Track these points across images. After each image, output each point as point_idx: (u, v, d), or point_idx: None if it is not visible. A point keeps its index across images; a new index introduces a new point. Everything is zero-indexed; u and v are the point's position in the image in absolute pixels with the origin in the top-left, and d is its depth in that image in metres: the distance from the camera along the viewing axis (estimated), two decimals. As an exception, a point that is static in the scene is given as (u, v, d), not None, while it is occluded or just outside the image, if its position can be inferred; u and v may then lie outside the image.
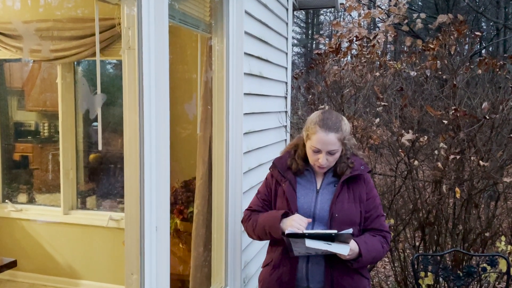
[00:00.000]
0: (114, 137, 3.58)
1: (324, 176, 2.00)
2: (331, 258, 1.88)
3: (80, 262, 3.56)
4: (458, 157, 3.29)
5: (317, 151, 1.90)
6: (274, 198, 2.04)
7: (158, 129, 1.72)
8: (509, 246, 3.26)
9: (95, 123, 3.60)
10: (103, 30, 3.18)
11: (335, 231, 1.79)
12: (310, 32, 22.36)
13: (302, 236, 1.78)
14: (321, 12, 20.91)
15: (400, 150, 3.53)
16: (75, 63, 3.60)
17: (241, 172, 2.68)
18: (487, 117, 3.28)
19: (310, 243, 1.77)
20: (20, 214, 3.66)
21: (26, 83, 3.76)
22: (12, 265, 3.06)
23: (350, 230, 1.80)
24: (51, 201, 3.74)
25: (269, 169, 2.11)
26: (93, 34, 3.13)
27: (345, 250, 1.78)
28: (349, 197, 1.94)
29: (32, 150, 3.82)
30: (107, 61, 3.71)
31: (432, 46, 3.71)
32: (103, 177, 3.72)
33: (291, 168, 2.01)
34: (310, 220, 1.89)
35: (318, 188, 1.98)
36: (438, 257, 2.83)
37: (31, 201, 3.79)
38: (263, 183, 2.14)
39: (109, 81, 3.81)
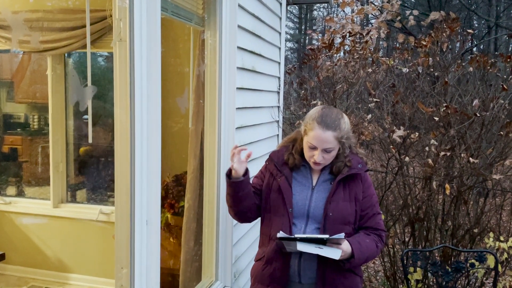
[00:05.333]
0: (104, 130, 3.55)
1: (320, 173, 1.98)
2: None
3: (69, 256, 3.54)
4: (448, 154, 3.31)
5: (313, 148, 1.89)
6: (266, 191, 2.02)
7: (149, 122, 1.70)
8: (497, 243, 3.30)
9: (85, 116, 3.57)
10: (94, 22, 3.14)
11: (327, 236, 1.78)
12: (303, 27, 22.34)
13: (294, 239, 1.79)
14: (315, 7, 20.89)
15: (391, 146, 3.55)
16: (66, 55, 3.56)
17: (232, 167, 2.67)
18: (478, 115, 3.31)
19: (301, 247, 1.76)
20: (9, 207, 3.62)
21: (16, 74, 3.71)
22: (1, 258, 3.04)
23: (342, 235, 1.80)
24: (41, 194, 3.70)
25: (266, 161, 2.09)
26: (84, 26, 3.09)
27: (336, 254, 1.77)
28: (344, 196, 1.92)
29: (22, 143, 3.78)
30: (98, 53, 3.67)
31: (424, 43, 3.72)
32: (93, 170, 3.69)
33: (287, 163, 1.99)
34: (245, 148, 1.95)
35: (313, 185, 1.97)
36: (427, 253, 2.85)
37: (20, 194, 3.75)
38: (257, 173, 2.14)
39: (100, 74, 3.78)
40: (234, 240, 2.74)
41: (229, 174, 1.99)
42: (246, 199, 2.00)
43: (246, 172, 1.99)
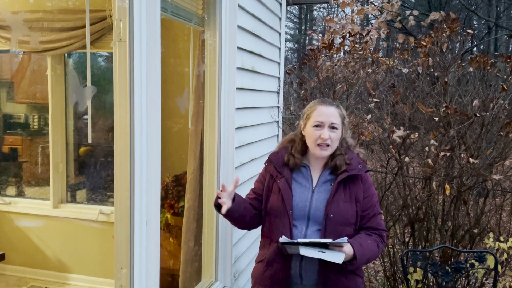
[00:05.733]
0: (104, 130, 3.55)
1: (320, 173, 1.98)
2: None
3: (69, 256, 3.54)
4: (448, 154, 3.31)
5: (319, 125, 1.91)
6: (266, 193, 2.02)
7: (149, 122, 1.70)
8: (497, 243, 3.30)
9: (85, 116, 3.57)
10: (94, 22, 3.14)
11: (330, 240, 1.78)
12: (303, 27, 22.34)
13: (297, 244, 1.78)
14: (315, 7, 20.89)
15: (391, 147, 3.54)
16: (66, 55, 3.56)
17: (232, 167, 2.67)
18: (478, 115, 3.31)
19: (304, 251, 1.76)
20: (9, 207, 3.62)
21: (16, 74, 3.71)
22: (1, 258, 3.04)
23: (345, 239, 1.79)
24: (41, 194, 3.70)
25: (265, 163, 2.09)
26: (84, 26, 3.09)
27: (339, 258, 1.77)
28: (345, 197, 1.91)
29: (22, 143, 3.78)
30: (98, 54, 3.67)
31: (424, 43, 3.72)
32: (93, 171, 3.69)
33: (288, 164, 1.99)
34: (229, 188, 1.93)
35: (314, 186, 1.96)
36: (427, 253, 2.85)
37: (20, 194, 3.75)
38: (258, 177, 2.13)
39: (100, 74, 3.78)
40: (234, 240, 2.74)
41: (217, 204, 1.98)
42: (244, 216, 2.02)
43: (234, 198, 1.98)
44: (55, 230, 3.55)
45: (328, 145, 1.91)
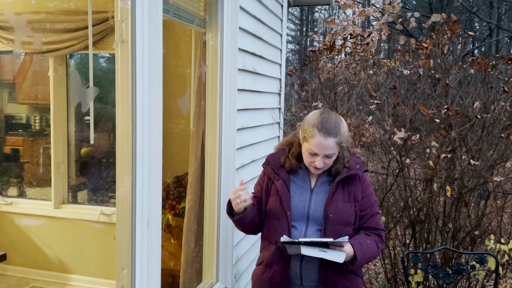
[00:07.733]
0: (106, 131, 3.56)
1: (318, 175, 1.98)
2: None
3: (70, 257, 3.55)
4: (449, 156, 3.31)
5: (314, 154, 1.87)
6: (265, 195, 2.02)
7: (150, 123, 1.71)
8: (498, 245, 3.30)
9: (87, 117, 3.58)
10: (96, 23, 3.15)
11: (331, 239, 1.78)
12: (304, 29, 22.36)
13: (298, 243, 1.78)
14: (316, 9, 20.91)
15: (392, 148, 3.55)
16: (68, 56, 3.57)
17: (233, 168, 2.68)
18: (479, 117, 3.31)
19: (305, 251, 1.76)
20: (10, 208, 3.63)
21: (18, 75, 3.72)
22: (2, 258, 3.04)
23: (346, 238, 1.79)
24: (42, 195, 3.71)
25: (262, 165, 2.09)
26: (86, 27, 3.10)
27: (340, 257, 1.77)
28: (343, 197, 1.92)
29: (23, 143, 3.79)
30: (100, 55, 3.68)
31: (425, 45, 3.72)
32: (94, 171, 3.70)
33: (284, 166, 1.99)
34: (248, 187, 1.90)
35: (312, 187, 1.96)
36: (428, 255, 2.86)
37: (21, 194, 3.76)
38: (257, 180, 2.13)
39: (102, 75, 3.79)
40: (235, 242, 2.75)
41: (229, 211, 1.98)
42: (254, 220, 2.01)
43: None
44: (56, 231, 3.56)
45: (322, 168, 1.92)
